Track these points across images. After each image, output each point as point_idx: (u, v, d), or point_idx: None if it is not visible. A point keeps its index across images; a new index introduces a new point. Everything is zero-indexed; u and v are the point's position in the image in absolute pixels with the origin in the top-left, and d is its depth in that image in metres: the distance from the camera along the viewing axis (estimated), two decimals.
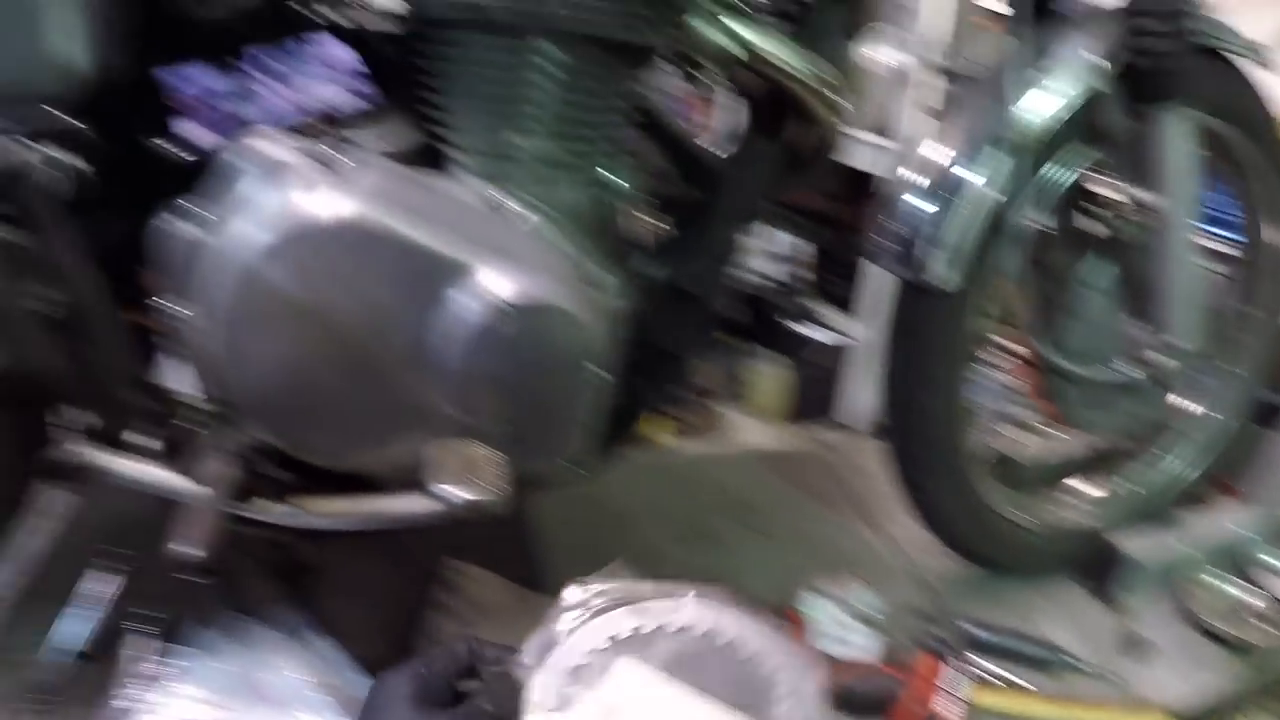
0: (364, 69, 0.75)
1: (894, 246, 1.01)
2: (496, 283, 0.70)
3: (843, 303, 1.62)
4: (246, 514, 0.77)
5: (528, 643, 0.66)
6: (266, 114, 0.73)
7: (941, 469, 1.13)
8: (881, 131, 1.44)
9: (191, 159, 0.73)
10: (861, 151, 1.43)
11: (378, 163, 0.73)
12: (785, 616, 1.12)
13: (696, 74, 0.82)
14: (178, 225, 0.72)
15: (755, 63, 0.82)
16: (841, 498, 1.46)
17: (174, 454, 0.75)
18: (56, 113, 0.71)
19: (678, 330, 0.91)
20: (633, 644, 0.63)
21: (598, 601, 0.67)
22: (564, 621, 0.66)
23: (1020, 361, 1.20)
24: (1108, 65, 0.98)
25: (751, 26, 0.82)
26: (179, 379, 0.75)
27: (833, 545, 1.33)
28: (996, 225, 0.99)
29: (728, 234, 0.91)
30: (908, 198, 1.01)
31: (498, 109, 0.74)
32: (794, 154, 0.92)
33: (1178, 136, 1.02)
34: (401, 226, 0.70)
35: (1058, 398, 1.14)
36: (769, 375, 1.76)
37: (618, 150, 0.81)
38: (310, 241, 0.69)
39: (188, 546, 0.73)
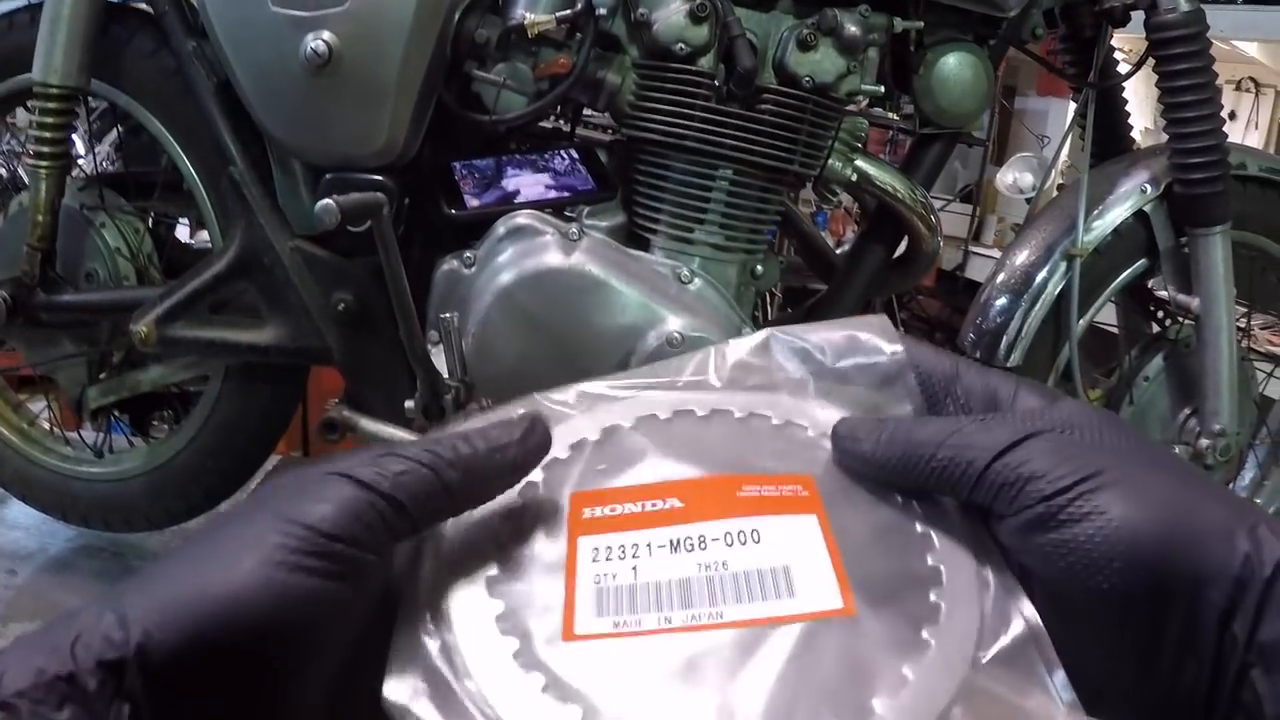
0: (592, 169, 1.07)
1: (973, 337, 1.24)
2: (672, 321, 0.99)
3: None
4: None
5: None
6: (524, 194, 1.05)
7: None
8: None
9: (469, 221, 1.05)
10: (986, 266, 1.64)
11: (596, 236, 1.03)
12: None
13: (827, 193, 1.10)
14: (456, 264, 1.03)
15: (866, 186, 1.10)
16: None
17: (427, 418, 1.04)
18: (383, 179, 1.05)
19: None
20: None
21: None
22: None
23: None
24: (1151, 190, 1.18)
25: (868, 159, 1.10)
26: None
27: None
28: (1057, 320, 1.20)
29: (839, 313, 1.17)
30: (990, 296, 1.24)
31: (684, 208, 1.04)
32: (900, 259, 1.19)
33: (1217, 253, 1.18)
34: (609, 278, 0.99)
35: None
36: None
37: (766, 245, 1.10)
38: (546, 282, 0.99)
39: None
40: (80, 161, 1.43)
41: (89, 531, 1.47)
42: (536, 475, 0.34)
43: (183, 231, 1.50)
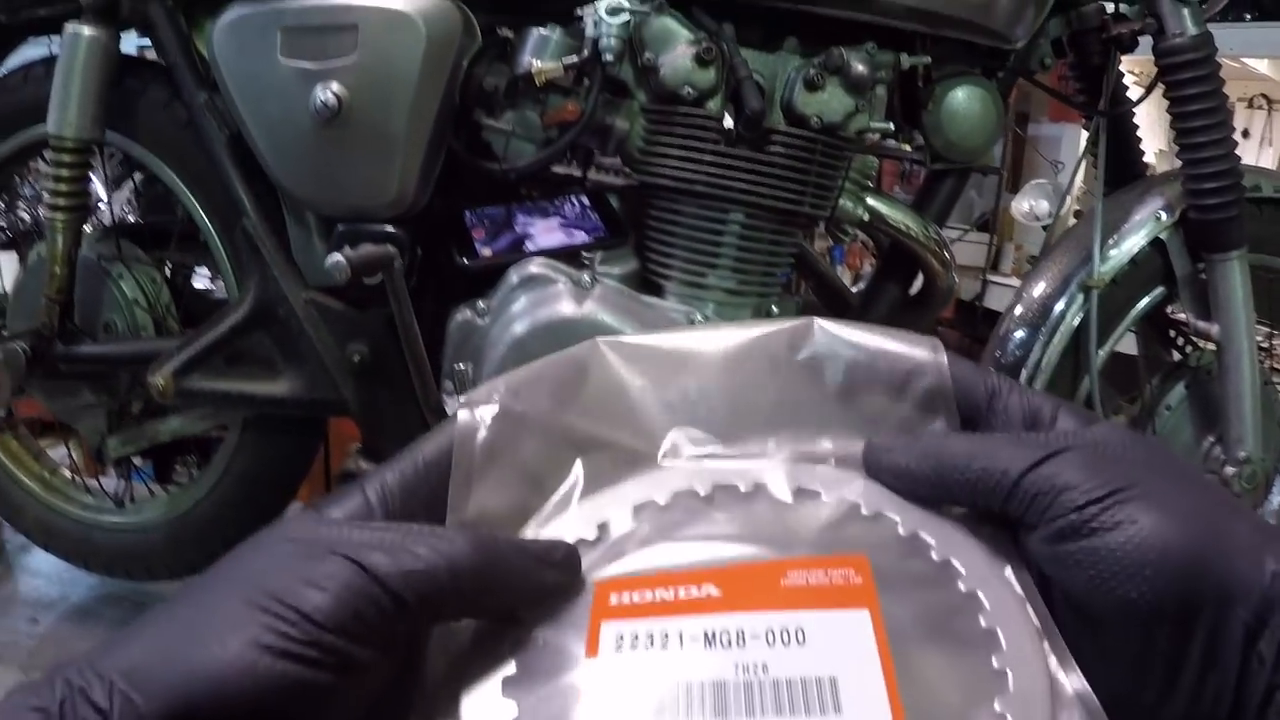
0: (604, 215, 1.07)
1: (991, 368, 1.23)
2: None
3: None
4: None
5: None
6: (537, 242, 1.05)
7: None
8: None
9: (482, 270, 1.05)
10: (1005, 295, 1.64)
11: (608, 284, 1.03)
12: None
13: (840, 233, 1.10)
14: (469, 314, 1.03)
15: (879, 225, 1.10)
16: None
17: None
18: (394, 230, 1.05)
19: None
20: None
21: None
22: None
23: None
24: (1166, 218, 1.17)
25: (880, 198, 1.10)
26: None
27: None
28: (1076, 351, 1.19)
29: None
30: (1008, 329, 1.23)
31: (696, 253, 1.03)
32: (916, 297, 1.18)
33: (1235, 278, 1.17)
34: (622, 326, 0.99)
35: None
36: None
37: (779, 286, 1.09)
38: (560, 332, 0.99)
39: None
40: (101, 207, 1.44)
41: (111, 580, 1.47)
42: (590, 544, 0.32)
43: (201, 278, 1.51)
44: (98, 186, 1.41)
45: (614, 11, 0.98)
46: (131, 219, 1.50)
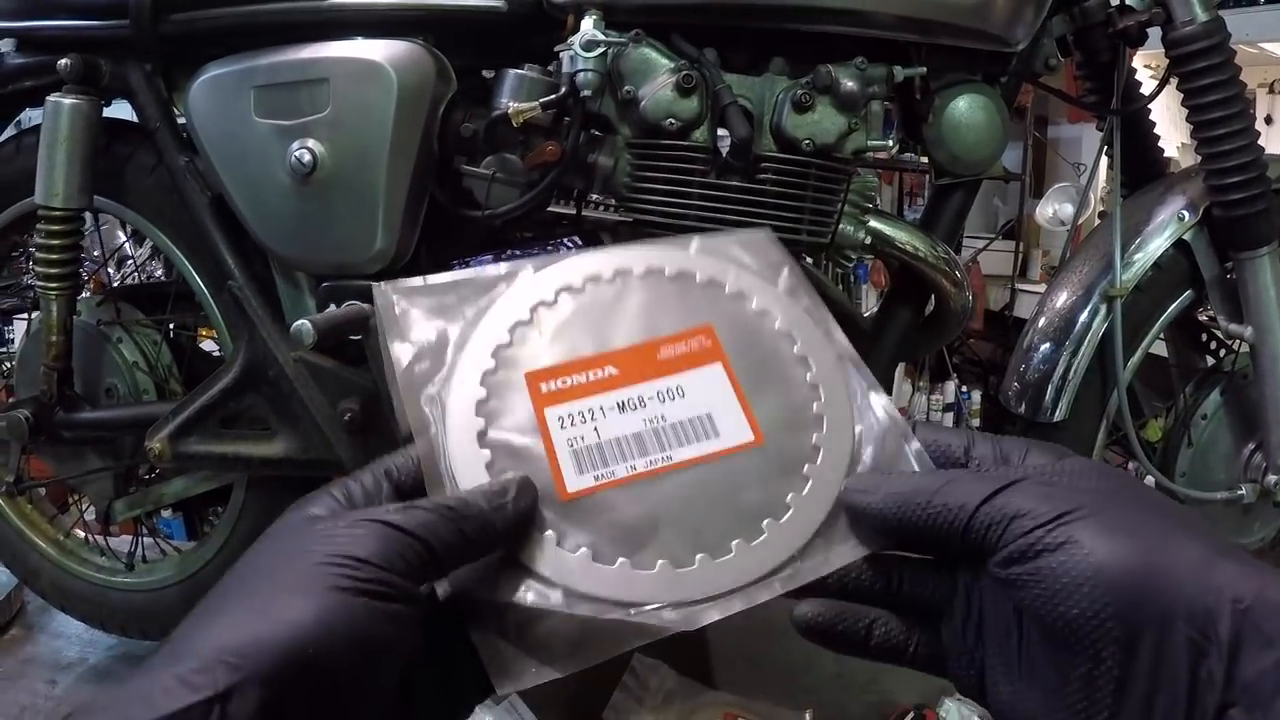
0: None
1: (1017, 387, 1.17)
2: None
3: None
4: None
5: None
6: None
7: None
8: None
9: None
10: (1034, 303, 1.56)
11: None
12: (924, 718, 1.25)
13: (842, 259, 1.05)
14: None
15: (883, 247, 1.04)
16: None
17: None
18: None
19: None
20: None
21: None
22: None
23: None
24: (1189, 217, 1.11)
25: (883, 219, 1.05)
26: None
27: None
28: (1103, 363, 1.13)
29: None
30: (1031, 344, 1.17)
31: None
32: (930, 319, 1.13)
33: (1266, 275, 1.11)
34: None
35: None
36: None
37: None
38: None
39: None
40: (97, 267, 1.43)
41: (129, 640, 1.46)
42: (507, 347, 0.41)
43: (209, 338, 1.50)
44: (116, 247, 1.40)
45: (590, 45, 0.94)
46: (159, 273, 1.49)
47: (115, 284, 1.59)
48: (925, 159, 1.11)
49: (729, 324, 0.43)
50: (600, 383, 0.41)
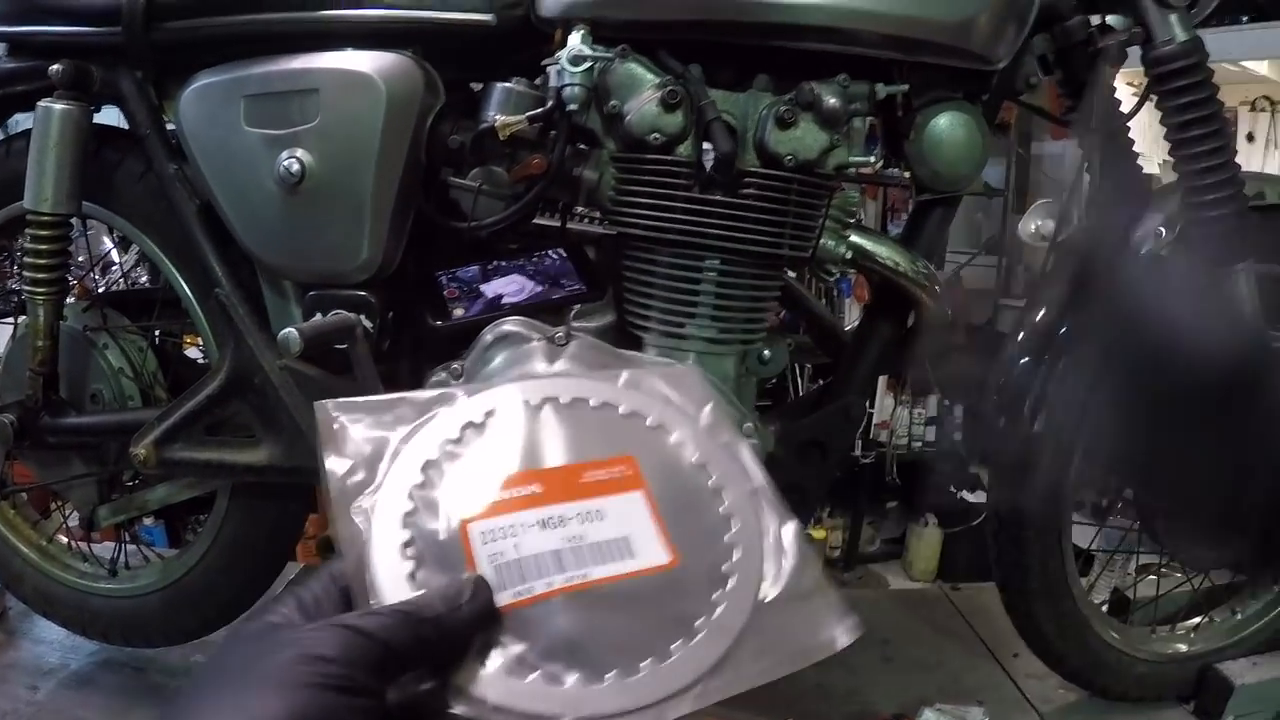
0: (581, 269, 1.04)
1: (997, 400, 1.18)
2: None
3: None
4: None
5: None
6: (511, 299, 1.02)
7: (1052, 607, 1.25)
8: None
9: (455, 330, 1.03)
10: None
11: (584, 339, 1.00)
12: None
13: (823, 274, 1.06)
14: (444, 375, 1.01)
15: (864, 262, 1.06)
16: (965, 635, 1.58)
17: None
18: (365, 295, 1.03)
19: (808, 473, 1.12)
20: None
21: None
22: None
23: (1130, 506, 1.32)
24: (1166, 234, 1.12)
25: (864, 234, 1.06)
26: None
27: (952, 673, 1.45)
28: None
29: (848, 393, 1.12)
30: (1011, 357, 1.18)
31: (674, 302, 1.00)
32: (909, 332, 1.14)
33: (1241, 292, 1.12)
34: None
35: (1170, 540, 1.25)
36: (925, 537, 1.84)
37: (763, 330, 1.06)
38: None
39: None
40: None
41: (111, 647, 1.46)
42: (436, 464, 0.45)
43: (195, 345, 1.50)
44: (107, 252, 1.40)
45: (576, 60, 0.95)
46: (144, 279, 1.49)
47: (101, 290, 1.60)
48: (907, 175, 1.13)
49: (649, 454, 0.47)
50: (524, 499, 0.43)
